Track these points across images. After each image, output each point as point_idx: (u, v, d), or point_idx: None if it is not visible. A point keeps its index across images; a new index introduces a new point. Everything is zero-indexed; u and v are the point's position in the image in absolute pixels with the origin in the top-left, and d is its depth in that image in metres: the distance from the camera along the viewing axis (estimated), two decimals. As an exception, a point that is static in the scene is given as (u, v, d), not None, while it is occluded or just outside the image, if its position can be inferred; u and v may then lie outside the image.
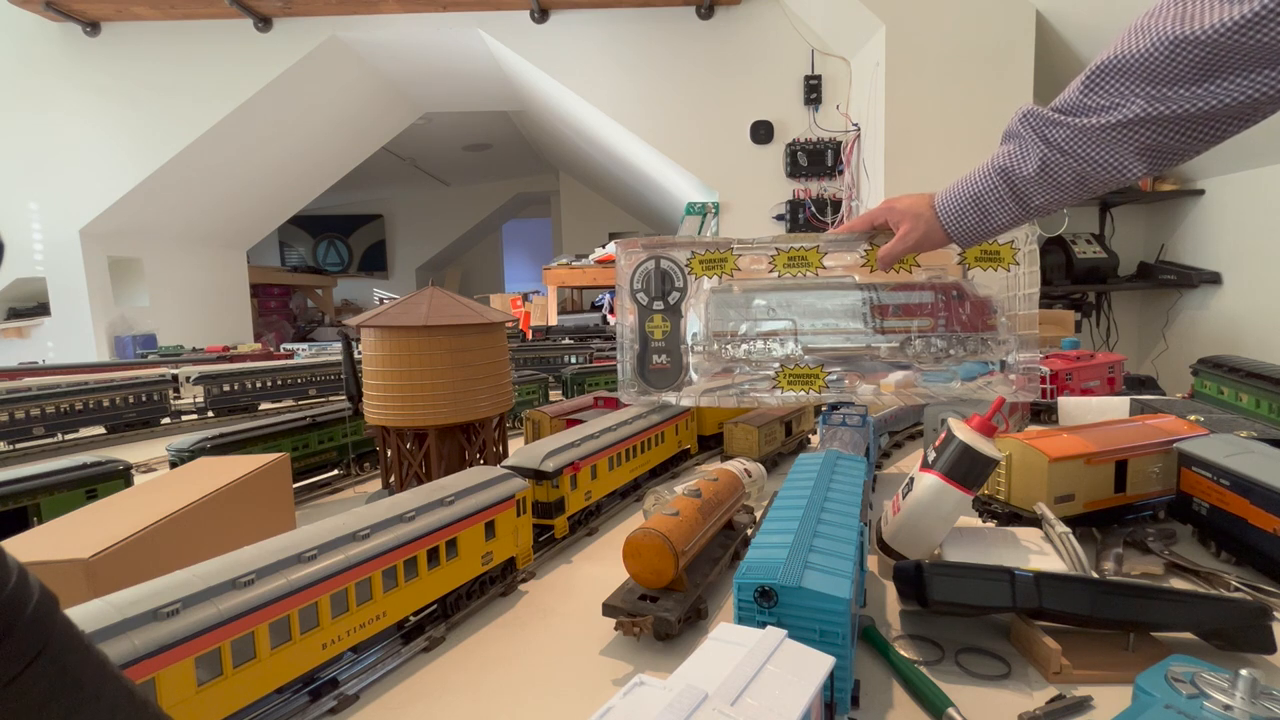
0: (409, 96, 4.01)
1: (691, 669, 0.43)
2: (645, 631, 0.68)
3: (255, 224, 4.29)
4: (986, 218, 0.88)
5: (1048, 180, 0.80)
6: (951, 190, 0.92)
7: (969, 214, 0.89)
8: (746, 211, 3.11)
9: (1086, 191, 0.79)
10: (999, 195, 0.85)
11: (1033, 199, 0.83)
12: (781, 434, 1.41)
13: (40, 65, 3.09)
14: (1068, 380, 1.59)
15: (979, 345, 1.19)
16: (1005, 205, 0.86)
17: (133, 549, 0.67)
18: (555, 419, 1.39)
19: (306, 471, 1.29)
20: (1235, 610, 0.64)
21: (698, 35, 3.05)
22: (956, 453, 0.76)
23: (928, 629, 0.72)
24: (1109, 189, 0.77)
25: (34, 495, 0.92)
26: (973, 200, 0.88)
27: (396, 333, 1.06)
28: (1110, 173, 0.74)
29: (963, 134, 2.50)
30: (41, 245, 3.17)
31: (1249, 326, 2.53)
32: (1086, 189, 0.79)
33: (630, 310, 1.25)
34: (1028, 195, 0.83)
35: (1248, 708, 0.42)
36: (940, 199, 0.93)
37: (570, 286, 4.08)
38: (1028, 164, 0.80)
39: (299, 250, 7.20)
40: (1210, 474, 0.87)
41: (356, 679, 0.65)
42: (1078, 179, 0.78)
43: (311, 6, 2.97)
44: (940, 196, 0.94)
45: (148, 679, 0.46)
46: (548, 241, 7.50)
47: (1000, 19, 2.46)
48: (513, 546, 0.85)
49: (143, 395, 1.97)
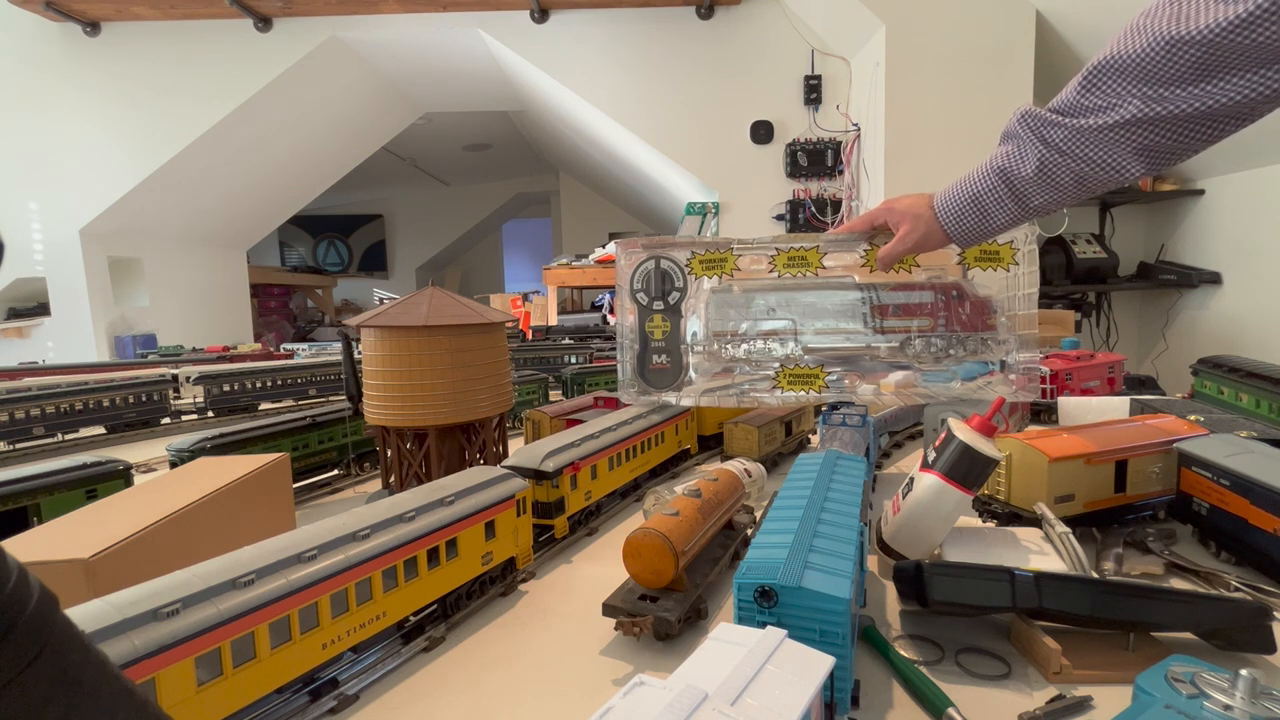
0: (409, 96, 4.01)
1: (691, 669, 0.43)
2: (645, 631, 0.68)
3: (255, 224, 4.29)
4: (986, 218, 0.88)
5: (1046, 181, 0.80)
6: (950, 191, 0.92)
7: (968, 215, 0.89)
8: (746, 211, 3.11)
9: (1085, 191, 0.79)
10: (998, 196, 0.85)
11: (1032, 199, 0.83)
12: (781, 434, 1.41)
13: (40, 65, 3.09)
14: (1068, 380, 1.59)
15: (979, 345, 1.19)
16: (1004, 206, 0.86)
17: (133, 549, 0.67)
18: (555, 419, 1.38)
19: (306, 471, 1.29)
20: (1235, 610, 0.64)
21: (698, 35, 3.05)
22: (956, 453, 0.76)
23: (928, 629, 0.72)
24: (1108, 189, 0.78)
25: (34, 495, 0.92)
26: (972, 201, 0.88)
27: (396, 333, 1.06)
28: (1108, 173, 0.74)
29: (963, 134, 2.50)
30: (41, 245, 3.17)
31: (1249, 326, 2.53)
32: (1085, 189, 0.79)
33: (630, 310, 1.25)
34: (1027, 195, 0.83)
35: (1248, 708, 0.42)
36: (939, 200, 0.93)
37: (570, 286, 4.08)
38: (1026, 165, 0.80)
39: (299, 250, 7.20)
40: (1210, 474, 0.87)
41: (356, 679, 0.65)
42: (1076, 179, 0.78)
43: (311, 6, 2.97)
44: (939, 197, 0.94)
45: (148, 679, 0.46)
46: (548, 241, 7.50)
47: (1000, 19, 2.46)
48: (513, 546, 0.85)
49: (143, 395, 1.97)
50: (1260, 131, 0.82)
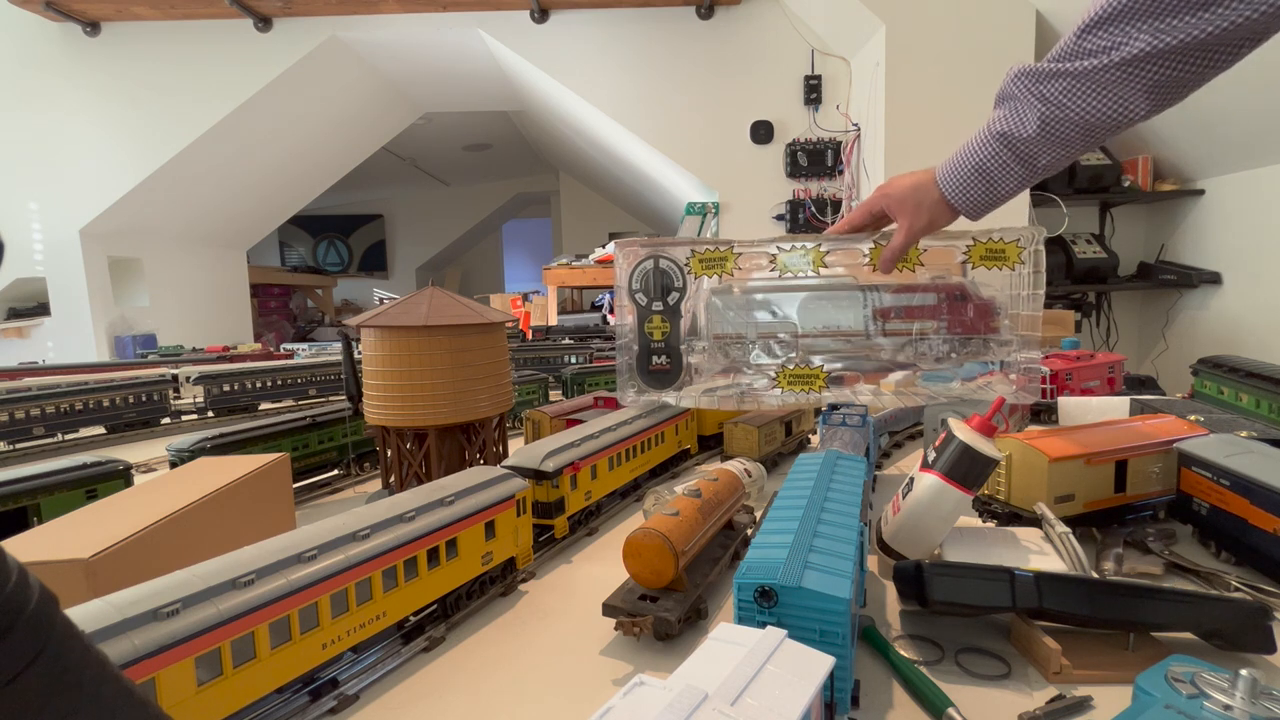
0: (409, 96, 4.01)
1: (691, 669, 0.42)
2: (645, 631, 0.68)
3: (255, 224, 4.30)
4: (993, 186, 0.86)
5: (1050, 138, 0.78)
6: (952, 162, 0.89)
7: (975, 185, 0.87)
8: (746, 211, 3.11)
9: (1093, 141, 0.78)
10: (1002, 161, 0.83)
11: (1038, 159, 0.81)
12: (781, 434, 1.41)
13: (40, 65, 3.09)
14: (1068, 380, 1.59)
15: (981, 347, 1.18)
16: (1010, 170, 0.84)
17: (133, 549, 0.66)
18: (555, 419, 1.38)
19: (306, 471, 1.29)
20: (1235, 610, 0.64)
21: (698, 35, 3.05)
22: (956, 453, 0.76)
23: (928, 629, 0.72)
24: (1115, 134, 0.76)
25: (34, 495, 0.92)
26: (976, 170, 0.86)
27: (396, 333, 1.06)
28: (1116, 116, 0.73)
29: (963, 134, 2.48)
30: (41, 245, 3.17)
31: (1249, 326, 2.53)
32: (1093, 138, 0.77)
33: (629, 310, 1.25)
34: (1032, 157, 0.81)
35: (1248, 708, 0.42)
36: (942, 173, 0.91)
37: (570, 286, 4.08)
38: (1027, 125, 0.79)
39: (299, 250, 7.20)
40: (1210, 474, 0.87)
41: (356, 679, 0.65)
42: (1083, 130, 0.76)
43: (311, 6, 2.97)
44: (941, 170, 0.91)
45: (148, 679, 0.46)
46: (548, 241, 7.51)
47: (1000, 19, 2.46)
48: (513, 546, 0.85)
49: (143, 395, 1.97)
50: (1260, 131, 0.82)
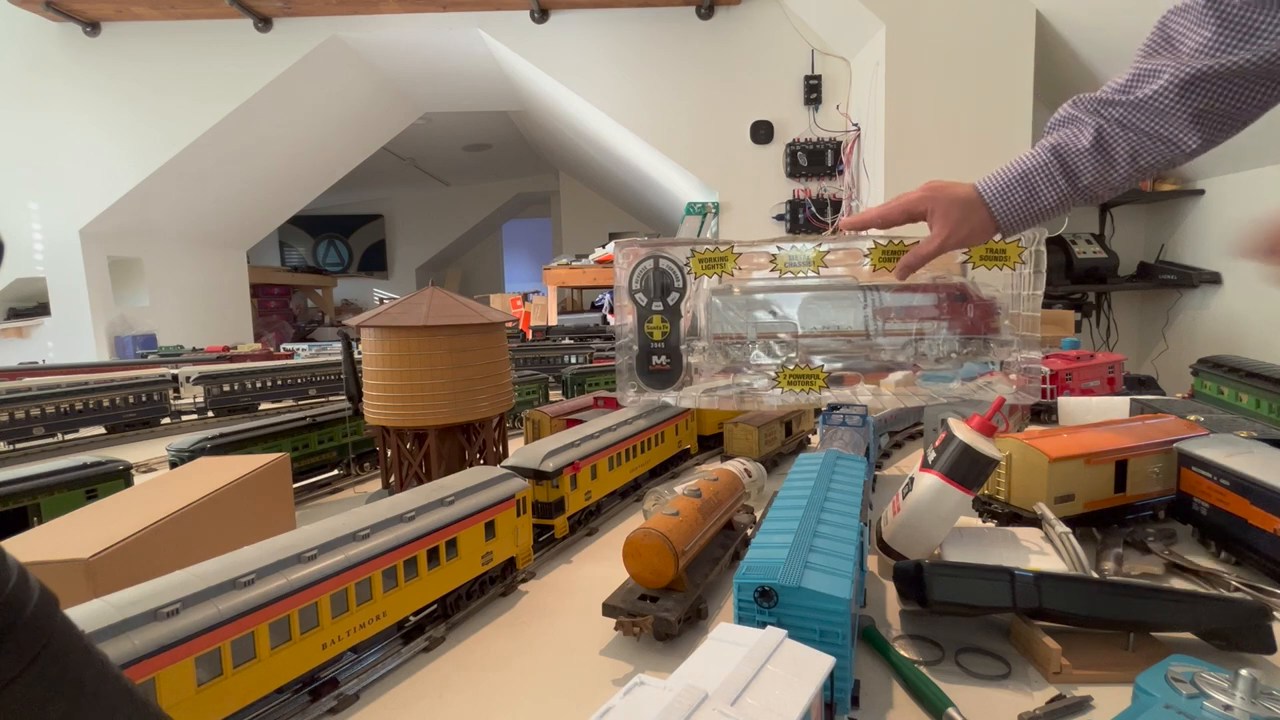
0: (409, 96, 4.01)
1: (691, 669, 0.42)
2: (645, 631, 0.68)
3: (255, 224, 4.30)
4: (1034, 196, 0.88)
5: (1101, 152, 0.81)
6: (996, 172, 0.92)
7: (1016, 191, 0.89)
8: (746, 211, 3.11)
9: (1137, 169, 0.81)
10: (1048, 172, 0.86)
11: (1082, 175, 0.84)
12: (781, 434, 1.41)
13: (40, 65, 3.09)
14: (1068, 380, 1.59)
15: (981, 347, 1.18)
16: (1054, 182, 0.86)
17: (133, 549, 0.66)
18: (555, 419, 1.38)
19: (306, 471, 1.29)
20: (1235, 610, 0.64)
21: (698, 35, 3.05)
22: (956, 453, 0.76)
23: (928, 629, 0.72)
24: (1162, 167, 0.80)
25: (34, 495, 0.92)
26: (1020, 178, 0.88)
27: (396, 333, 1.06)
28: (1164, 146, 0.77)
29: (963, 134, 2.50)
30: (41, 245, 3.17)
31: (1249, 326, 2.53)
32: (1138, 166, 0.80)
33: (629, 310, 1.25)
34: (1078, 171, 0.84)
35: (1248, 708, 0.42)
36: (983, 181, 0.93)
37: (570, 286, 4.08)
38: (1082, 137, 0.82)
39: (299, 250, 7.20)
40: (1210, 474, 0.87)
41: (356, 679, 0.65)
42: (1131, 153, 0.79)
43: (311, 6, 2.97)
44: (982, 180, 0.93)
45: (148, 679, 0.46)
46: (548, 241, 7.50)
47: (1000, 19, 2.46)
48: (513, 546, 0.85)
49: (143, 395, 1.97)
50: (1260, 131, 0.83)
